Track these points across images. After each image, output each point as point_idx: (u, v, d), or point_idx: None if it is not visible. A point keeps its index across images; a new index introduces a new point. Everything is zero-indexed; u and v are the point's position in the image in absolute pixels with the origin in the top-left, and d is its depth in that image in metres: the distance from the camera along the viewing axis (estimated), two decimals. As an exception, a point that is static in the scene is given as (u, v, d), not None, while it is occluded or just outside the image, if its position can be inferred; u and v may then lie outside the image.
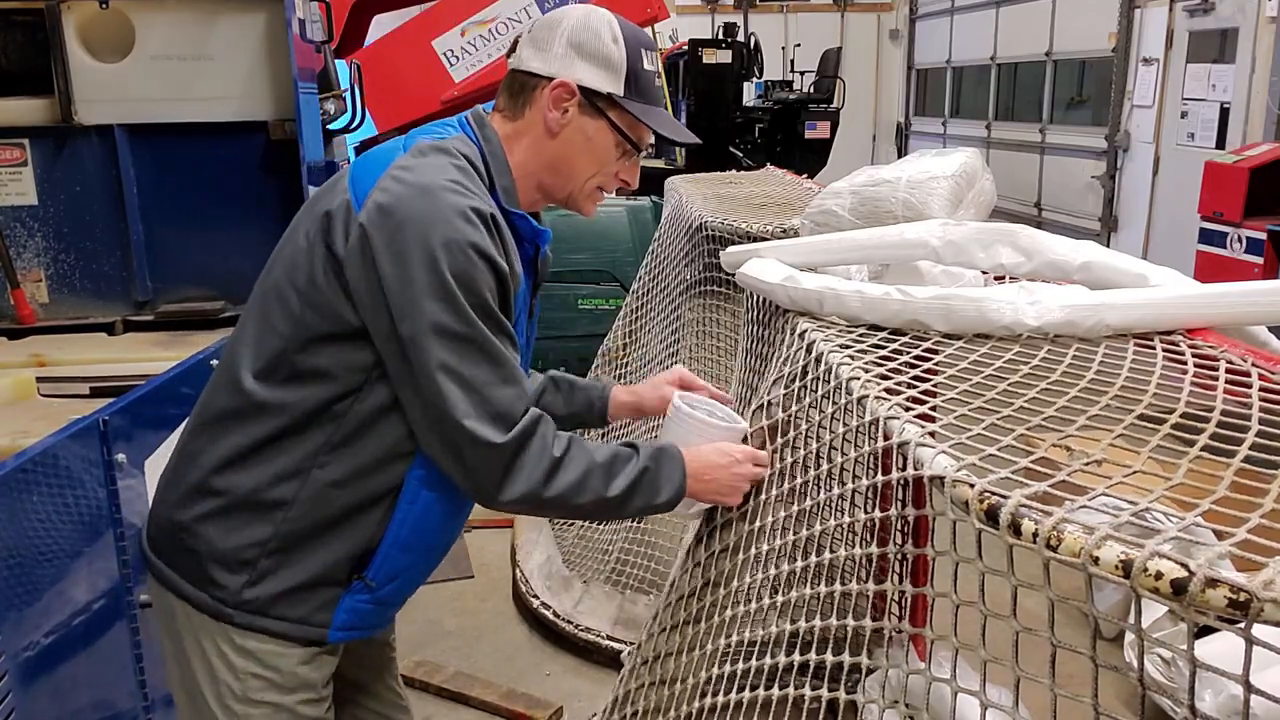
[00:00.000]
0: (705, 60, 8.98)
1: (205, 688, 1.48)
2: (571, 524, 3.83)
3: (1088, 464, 0.94)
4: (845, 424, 1.31)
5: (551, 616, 3.34)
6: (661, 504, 1.50)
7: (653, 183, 7.48)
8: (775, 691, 1.44)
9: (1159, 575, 0.74)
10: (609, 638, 3.18)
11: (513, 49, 1.55)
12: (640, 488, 1.47)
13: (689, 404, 1.65)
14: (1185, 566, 0.73)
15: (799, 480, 1.47)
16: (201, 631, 1.47)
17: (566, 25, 1.50)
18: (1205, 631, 0.78)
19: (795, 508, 1.47)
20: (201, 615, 1.46)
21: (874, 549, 1.36)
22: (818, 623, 1.41)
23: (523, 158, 1.52)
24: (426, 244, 1.32)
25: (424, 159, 1.42)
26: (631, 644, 1.82)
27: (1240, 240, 5.56)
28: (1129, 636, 2.45)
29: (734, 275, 1.87)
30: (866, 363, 1.33)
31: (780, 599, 1.47)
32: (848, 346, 1.41)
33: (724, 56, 9.04)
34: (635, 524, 3.45)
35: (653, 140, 1.59)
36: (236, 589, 1.44)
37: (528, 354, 1.61)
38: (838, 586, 1.38)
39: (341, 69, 4.44)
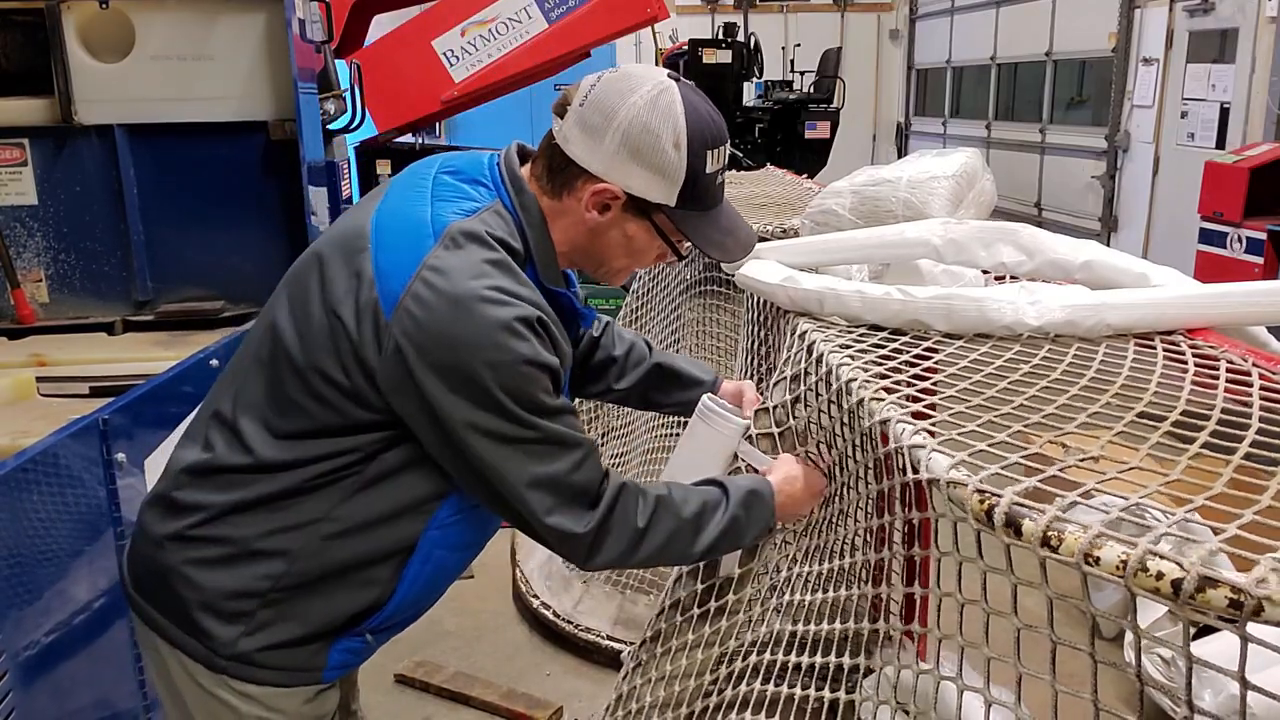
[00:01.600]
0: (705, 60, 8.97)
1: None
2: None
3: (1084, 461, 0.94)
4: (844, 423, 1.31)
5: (551, 616, 3.34)
6: (745, 545, 1.49)
7: (653, 183, 7.45)
8: (782, 689, 1.44)
9: (1158, 575, 0.74)
10: (609, 638, 3.18)
11: (561, 109, 1.37)
12: (727, 537, 1.43)
13: (721, 406, 1.63)
14: (1182, 565, 0.73)
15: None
16: (200, 677, 1.39)
17: (624, 119, 1.31)
18: (1206, 630, 0.78)
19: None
20: (195, 663, 1.38)
21: (873, 551, 1.36)
22: (822, 625, 1.42)
23: (559, 239, 1.41)
24: (471, 368, 1.23)
25: (459, 254, 1.27)
26: (631, 644, 1.82)
27: (1240, 240, 5.56)
28: (1129, 635, 2.46)
29: (733, 276, 1.87)
30: (867, 363, 1.33)
31: (782, 599, 1.47)
32: (848, 347, 1.41)
33: (724, 56, 9.03)
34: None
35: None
36: (230, 640, 1.36)
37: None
38: (840, 590, 1.38)
39: (341, 69, 4.44)
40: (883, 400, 1.17)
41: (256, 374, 1.37)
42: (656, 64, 9.20)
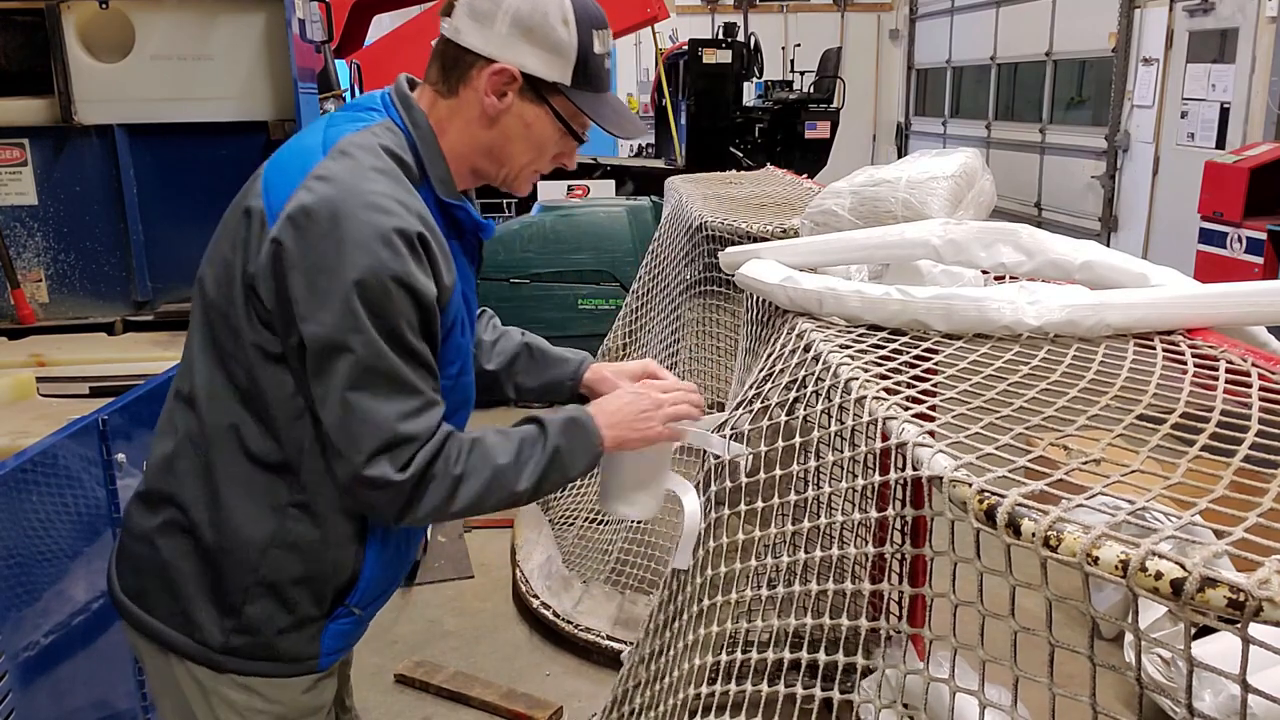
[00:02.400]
0: (705, 60, 8.98)
1: None
2: (571, 524, 3.83)
3: (1086, 463, 0.94)
4: (843, 423, 1.31)
5: (551, 616, 3.34)
6: (579, 473, 1.45)
7: (653, 183, 7.48)
8: (781, 688, 1.44)
9: (1158, 575, 0.74)
10: (609, 638, 3.18)
11: (448, 8, 1.39)
12: (552, 469, 1.40)
13: None
14: (1183, 566, 0.73)
15: (798, 480, 1.47)
16: (202, 675, 1.41)
17: (511, 2, 1.35)
18: (1206, 631, 0.78)
19: (794, 507, 1.47)
20: (193, 663, 1.40)
21: (870, 550, 1.36)
22: (818, 622, 1.41)
23: (455, 141, 1.41)
24: (342, 276, 1.22)
25: (345, 162, 1.28)
26: (631, 644, 1.82)
27: (1240, 240, 5.56)
28: (1128, 636, 2.45)
29: (734, 276, 1.87)
30: (866, 363, 1.33)
31: (779, 599, 1.47)
32: (848, 347, 1.41)
33: (724, 56, 9.04)
34: (635, 525, 3.45)
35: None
36: (222, 635, 1.38)
37: (469, 355, 1.53)
38: (837, 586, 1.38)
39: (341, 69, 4.44)
40: (884, 400, 1.17)
41: (197, 336, 1.38)
42: (656, 64, 9.21)
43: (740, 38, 9.81)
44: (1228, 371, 1.16)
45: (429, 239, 1.29)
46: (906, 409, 1.16)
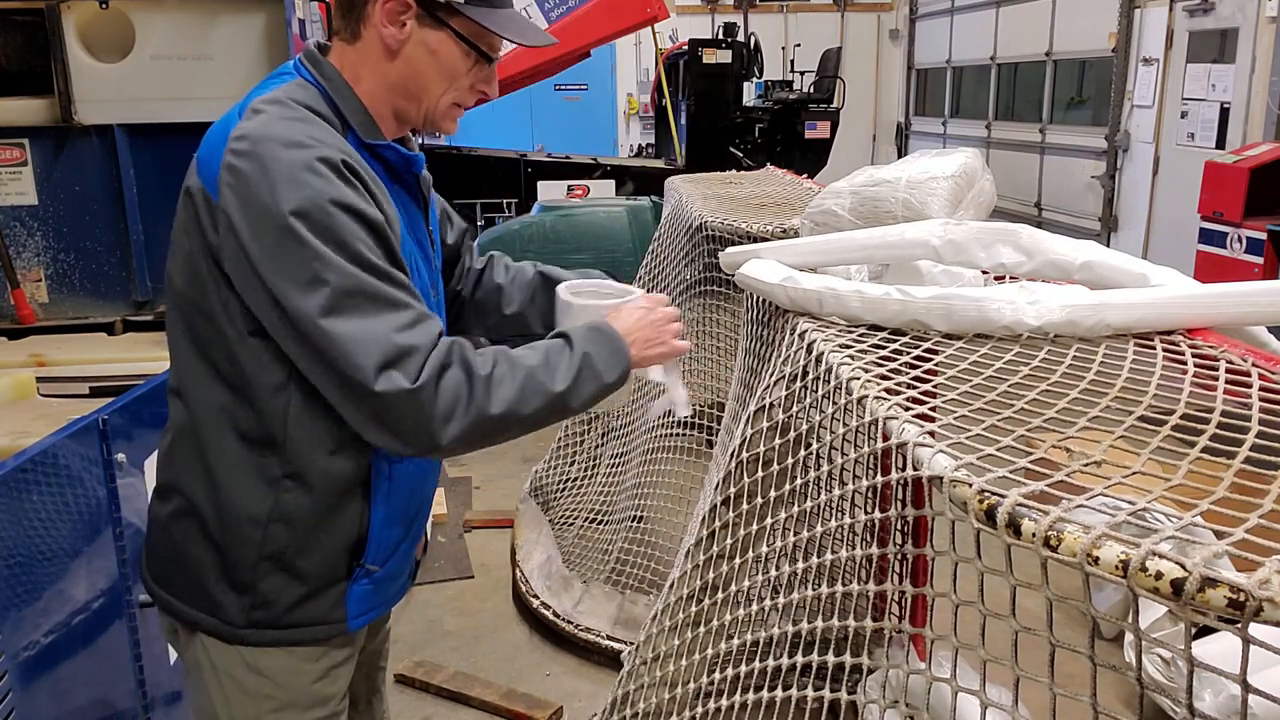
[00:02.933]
0: (705, 60, 8.98)
1: (220, 711, 1.46)
2: (571, 524, 3.83)
3: (1087, 465, 0.94)
4: (845, 424, 1.31)
5: (551, 616, 3.34)
6: (614, 381, 1.44)
7: (653, 183, 7.48)
8: (778, 693, 1.44)
9: (1158, 575, 0.74)
10: (609, 638, 3.18)
11: None
12: (586, 372, 1.39)
13: (573, 291, 1.59)
14: (1183, 566, 0.73)
15: (799, 481, 1.47)
16: (215, 655, 1.45)
17: None
18: (1206, 631, 0.78)
19: (795, 508, 1.47)
20: (211, 639, 1.44)
21: (874, 549, 1.36)
22: (819, 624, 1.42)
23: (369, 85, 1.41)
24: (279, 213, 1.23)
25: (257, 118, 1.30)
26: (631, 644, 1.82)
27: (1240, 240, 5.56)
28: (1129, 636, 2.45)
29: (734, 276, 1.87)
30: (866, 363, 1.33)
31: (781, 600, 1.47)
32: (848, 347, 1.41)
33: (724, 56, 9.04)
34: (635, 524, 3.45)
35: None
36: (243, 610, 1.41)
37: (438, 285, 1.53)
38: (839, 587, 1.38)
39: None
40: (885, 401, 1.17)
41: (175, 330, 1.41)
42: (656, 64, 9.21)
43: (740, 38, 9.81)
44: (1228, 372, 1.16)
45: (356, 167, 1.30)
46: (907, 409, 1.16)
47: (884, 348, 1.39)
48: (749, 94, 9.48)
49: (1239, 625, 0.72)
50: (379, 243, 1.29)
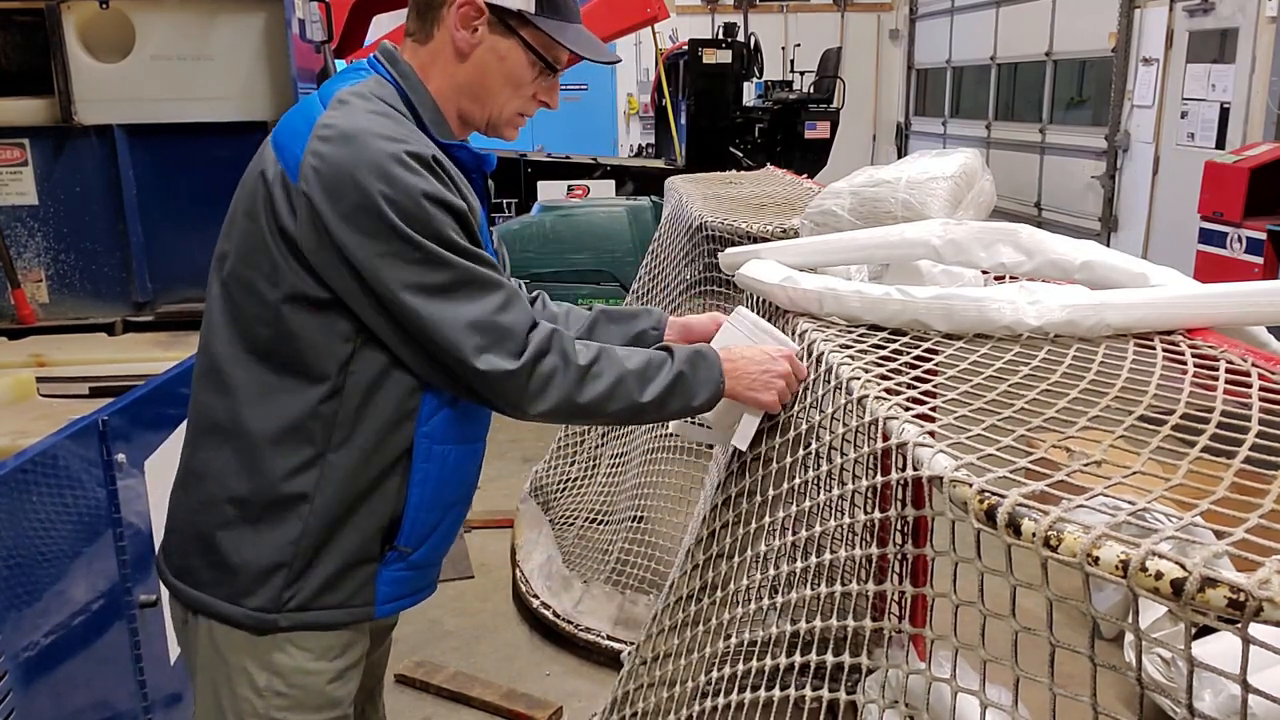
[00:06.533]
0: (705, 60, 8.97)
1: (227, 708, 1.46)
2: (571, 524, 3.83)
3: (1087, 465, 0.94)
4: (845, 424, 1.31)
5: (551, 616, 3.34)
6: (700, 405, 1.51)
7: (653, 183, 7.48)
8: (776, 692, 1.44)
9: (1158, 575, 0.74)
10: (609, 638, 3.18)
11: None
12: (676, 391, 1.46)
13: (740, 316, 1.65)
14: (1183, 566, 0.73)
15: (799, 480, 1.47)
16: (228, 650, 1.44)
17: None
18: (1206, 631, 0.78)
19: (795, 508, 1.47)
20: (232, 633, 1.43)
21: (874, 549, 1.36)
22: (818, 623, 1.42)
23: (438, 85, 1.47)
24: (373, 203, 1.29)
25: (344, 109, 1.36)
26: (631, 644, 1.82)
27: (1240, 240, 5.56)
28: (1129, 636, 2.46)
29: (734, 276, 1.87)
30: (867, 363, 1.33)
31: (780, 600, 1.47)
32: (848, 347, 1.41)
33: (724, 56, 9.03)
34: (635, 524, 3.45)
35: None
36: (276, 593, 1.41)
37: None
38: (839, 587, 1.38)
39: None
40: (885, 401, 1.17)
41: (218, 321, 1.43)
42: (656, 64, 9.21)
43: (740, 38, 9.80)
44: (1228, 371, 1.16)
45: (443, 161, 1.37)
46: (907, 409, 1.16)
47: (884, 348, 1.39)
48: (749, 94, 9.48)
49: (1239, 625, 0.72)
50: (464, 229, 1.37)
